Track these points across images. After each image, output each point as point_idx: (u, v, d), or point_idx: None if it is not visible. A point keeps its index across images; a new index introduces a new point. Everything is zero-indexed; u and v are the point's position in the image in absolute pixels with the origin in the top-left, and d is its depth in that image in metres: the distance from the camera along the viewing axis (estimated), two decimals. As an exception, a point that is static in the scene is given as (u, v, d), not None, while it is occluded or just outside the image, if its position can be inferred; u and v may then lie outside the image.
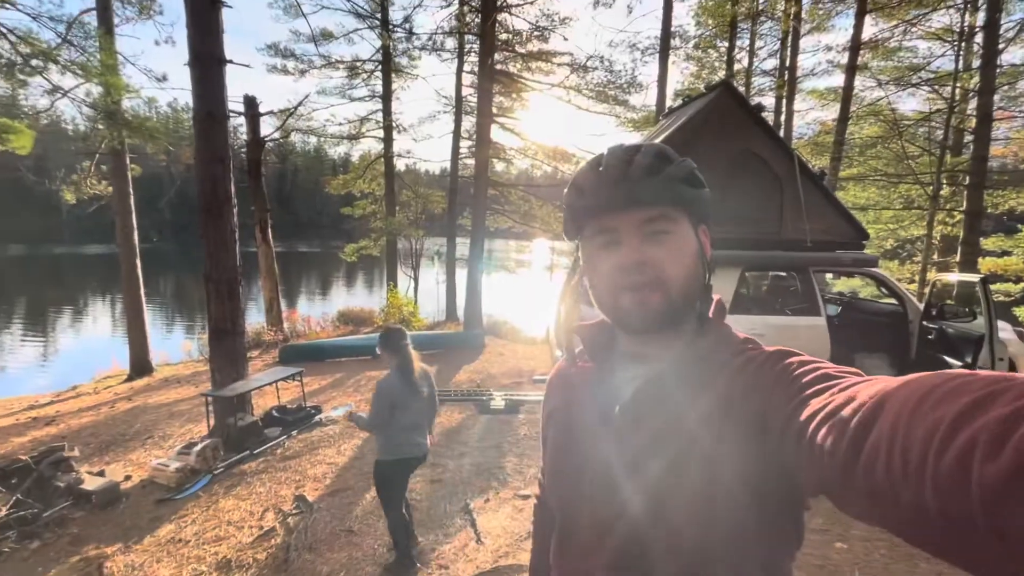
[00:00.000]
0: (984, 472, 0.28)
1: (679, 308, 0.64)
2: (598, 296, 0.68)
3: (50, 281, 29.88)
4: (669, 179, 0.63)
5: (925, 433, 0.32)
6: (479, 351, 9.47)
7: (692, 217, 0.66)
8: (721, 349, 0.64)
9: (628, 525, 0.61)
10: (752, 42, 15.30)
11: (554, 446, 0.76)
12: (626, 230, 0.64)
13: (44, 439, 5.57)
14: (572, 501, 0.70)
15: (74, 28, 7.98)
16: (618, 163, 0.64)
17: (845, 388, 0.45)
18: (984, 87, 8.59)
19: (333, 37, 14.81)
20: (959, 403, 0.32)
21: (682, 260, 0.64)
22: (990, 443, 0.28)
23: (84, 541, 3.46)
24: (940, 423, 0.32)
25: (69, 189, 9.73)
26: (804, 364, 0.54)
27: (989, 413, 0.30)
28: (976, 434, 0.29)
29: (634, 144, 0.66)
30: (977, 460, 0.28)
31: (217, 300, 5.19)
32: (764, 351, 0.61)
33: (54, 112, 8.19)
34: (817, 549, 3.01)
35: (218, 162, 5.08)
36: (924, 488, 0.32)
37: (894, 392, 0.38)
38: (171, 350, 11.48)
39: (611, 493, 0.64)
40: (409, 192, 16.73)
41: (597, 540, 0.65)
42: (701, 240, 0.68)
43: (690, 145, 4.43)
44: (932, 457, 0.31)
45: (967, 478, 0.29)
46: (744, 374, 0.59)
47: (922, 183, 11.27)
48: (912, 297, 4.87)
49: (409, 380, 2.82)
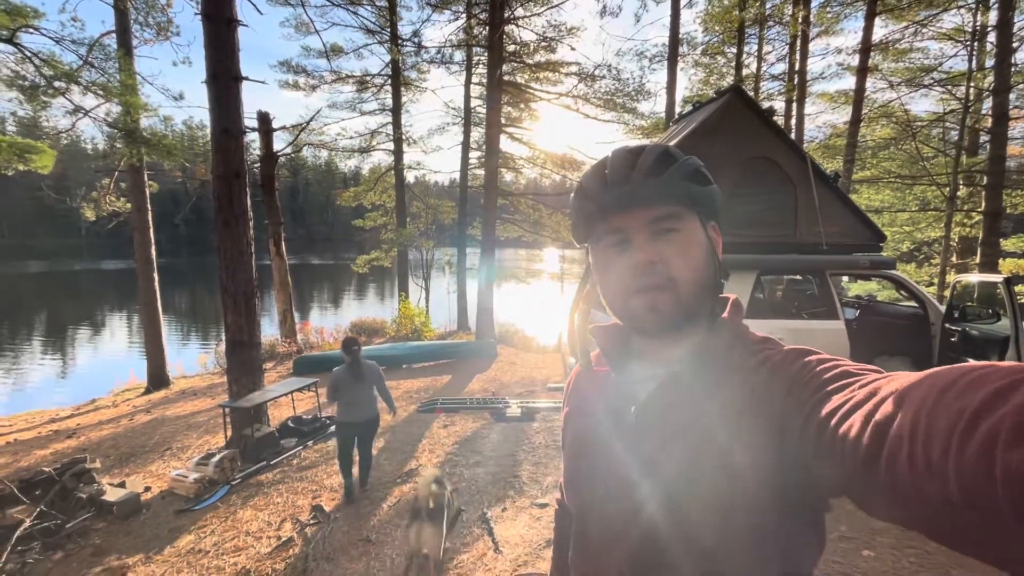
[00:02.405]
0: (1008, 459, 0.28)
1: (690, 308, 0.63)
2: (609, 299, 0.68)
3: (69, 296, 30.46)
4: (674, 177, 0.63)
5: (947, 424, 0.32)
6: (491, 360, 9.47)
7: (701, 214, 0.66)
8: (737, 348, 0.63)
9: (643, 527, 0.61)
10: (760, 47, 15.29)
11: (571, 449, 0.76)
12: (635, 230, 0.63)
13: (66, 451, 5.65)
14: (589, 503, 0.70)
15: (95, 50, 8.22)
16: (623, 164, 0.64)
17: (865, 384, 0.45)
18: (999, 86, 8.47)
19: (343, 52, 15.09)
20: (981, 393, 0.32)
21: (692, 257, 0.63)
22: (1013, 430, 0.28)
23: (106, 552, 3.49)
24: (963, 413, 0.32)
25: (89, 206, 9.96)
26: (823, 362, 0.54)
27: (1010, 401, 0.30)
28: (999, 422, 0.29)
29: (638, 145, 0.67)
30: (1000, 448, 0.28)
31: (234, 312, 5.26)
32: (781, 349, 0.60)
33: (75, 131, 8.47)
34: (844, 557, 2.94)
35: (234, 177, 5.18)
36: (948, 479, 0.31)
37: (915, 385, 0.38)
38: (188, 363, 11.63)
39: (627, 495, 0.63)
40: (419, 203, 16.88)
41: (613, 542, 0.65)
42: (711, 237, 0.67)
43: (701, 150, 4.42)
44: (955, 447, 0.31)
45: (991, 466, 0.29)
46: (761, 373, 0.58)
47: (938, 184, 11.12)
48: (933, 299, 4.78)
49: (354, 372, 4.06)
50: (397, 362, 9.05)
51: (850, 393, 0.45)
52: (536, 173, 16.48)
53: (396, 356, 9.14)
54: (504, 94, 12.80)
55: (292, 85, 15.73)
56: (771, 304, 5.51)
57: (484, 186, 12.34)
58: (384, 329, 13.05)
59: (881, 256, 4.62)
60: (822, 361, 0.54)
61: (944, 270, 11.16)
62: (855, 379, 0.47)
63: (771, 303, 5.55)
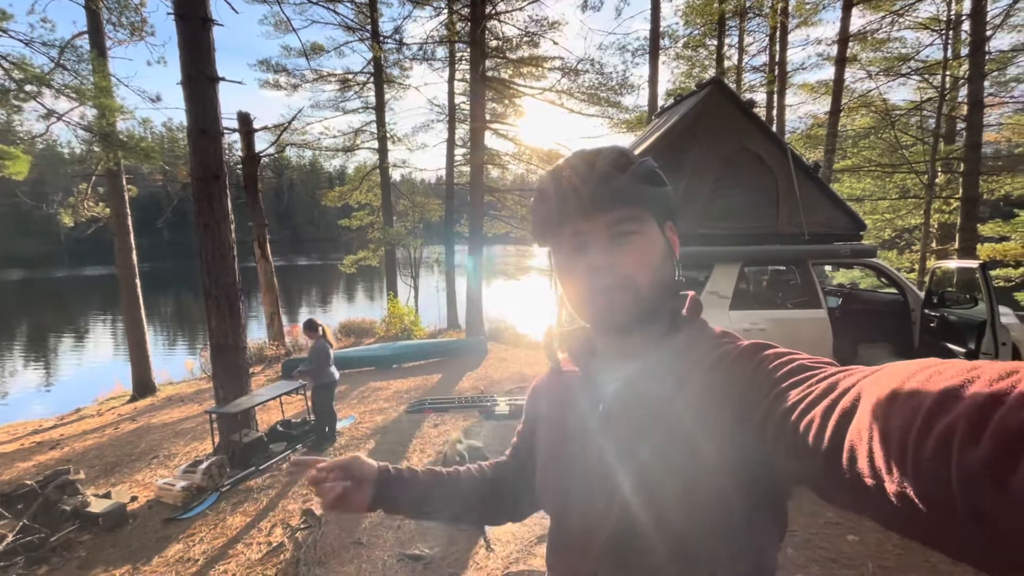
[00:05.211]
0: (964, 459, 0.28)
1: (650, 307, 0.65)
2: (572, 301, 0.69)
3: (50, 304, 29.86)
4: (631, 180, 0.64)
5: (903, 422, 0.33)
6: (482, 357, 9.46)
7: (657, 216, 0.67)
8: (697, 344, 0.65)
9: (616, 518, 0.62)
10: (741, 39, 15.38)
11: (543, 452, 0.78)
12: (593, 233, 0.65)
13: (49, 463, 5.55)
14: (564, 505, 0.71)
15: (67, 52, 8.03)
16: (580, 169, 0.65)
17: (822, 379, 0.45)
18: (974, 74, 8.62)
19: (324, 51, 14.92)
20: (935, 390, 0.32)
21: (650, 259, 0.65)
22: (968, 430, 0.28)
23: (92, 564, 3.44)
24: (917, 411, 0.32)
25: (67, 212, 9.76)
26: (779, 356, 0.55)
27: (965, 399, 0.30)
28: (954, 421, 0.29)
29: (594, 148, 0.67)
30: (956, 447, 0.29)
31: (218, 316, 5.19)
32: (739, 345, 0.62)
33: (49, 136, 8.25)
34: (829, 542, 2.99)
35: (213, 179, 5.09)
36: (906, 477, 0.32)
37: (871, 381, 0.38)
38: (173, 369, 11.47)
39: (597, 492, 0.65)
40: (406, 201, 16.78)
41: (587, 538, 0.66)
42: (668, 237, 0.68)
43: (683, 144, 4.43)
44: (912, 445, 0.31)
45: (947, 465, 0.29)
46: (719, 368, 0.59)
47: (917, 172, 11.29)
48: (912, 286, 4.87)
49: (329, 343, 5.45)
50: (387, 362, 9.01)
51: (807, 389, 0.45)
52: (522, 169, 16.45)
53: (386, 356, 9.10)
54: (488, 90, 12.75)
55: (272, 84, 15.52)
56: (755, 294, 5.57)
57: (470, 183, 12.31)
58: (374, 329, 12.97)
59: (862, 244, 4.69)
60: (779, 355, 0.55)
61: (924, 256, 11.36)
62: (811, 373, 0.48)
63: (755, 293, 5.61)
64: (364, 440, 5.44)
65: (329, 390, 5.44)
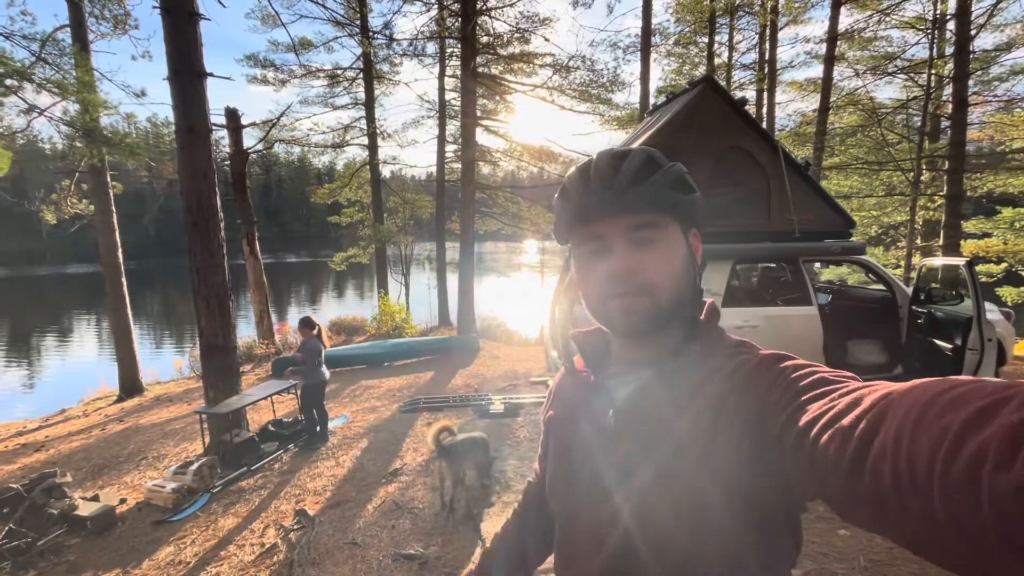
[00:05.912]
0: (995, 483, 0.27)
1: (667, 313, 0.63)
2: (588, 302, 0.68)
3: (34, 303, 29.31)
4: (657, 185, 0.62)
5: (932, 441, 0.32)
6: (474, 355, 9.45)
7: (682, 222, 0.65)
8: (714, 353, 0.64)
9: (620, 532, 0.61)
10: (731, 37, 15.46)
11: (554, 455, 0.77)
12: (614, 237, 0.63)
13: (34, 466, 5.45)
14: (573, 511, 0.70)
15: (48, 46, 7.85)
16: (606, 170, 0.64)
17: (846, 393, 0.44)
18: (958, 73, 8.74)
19: (312, 46, 14.73)
20: (966, 410, 0.31)
21: (671, 266, 0.63)
22: (1000, 453, 0.28)
23: (81, 568, 3.39)
24: (947, 431, 0.31)
25: (49, 209, 9.56)
26: (799, 368, 0.53)
27: (997, 421, 0.29)
28: (985, 443, 0.29)
29: (623, 149, 0.66)
30: (988, 470, 0.28)
31: (207, 315, 5.13)
32: (757, 355, 0.60)
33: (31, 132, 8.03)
34: (820, 537, 3.03)
35: (202, 176, 5.02)
36: (933, 498, 0.31)
37: (898, 398, 0.37)
38: (161, 368, 11.32)
39: (604, 500, 0.64)
40: (396, 198, 16.67)
41: (594, 548, 0.65)
42: (691, 244, 0.67)
43: (675, 142, 4.45)
44: (940, 466, 0.30)
45: (977, 488, 0.28)
46: (736, 378, 0.58)
47: (903, 169, 11.46)
48: (900, 282, 4.94)
49: (322, 342, 5.51)
50: (379, 360, 8.96)
51: (830, 403, 0.44)
52: (514, 166, 16.42)
53: (377, 354, 9.05)
54: (479, 86, 12.68)
55: (260, 80, 15.33)
56: (747, 292, 5.62)
57: (461, 179, 12.25)
58: (364, 327, 12.90)
59: (851, 242, 4.74)
60: (799, 367, 0.54)
61: (910, 252, 11.54)
62: (833, 387, 0.47)
63: (747, 291, 5.65)
64: (357, 439, 5.41)
65: (319, 390, 5.42)
